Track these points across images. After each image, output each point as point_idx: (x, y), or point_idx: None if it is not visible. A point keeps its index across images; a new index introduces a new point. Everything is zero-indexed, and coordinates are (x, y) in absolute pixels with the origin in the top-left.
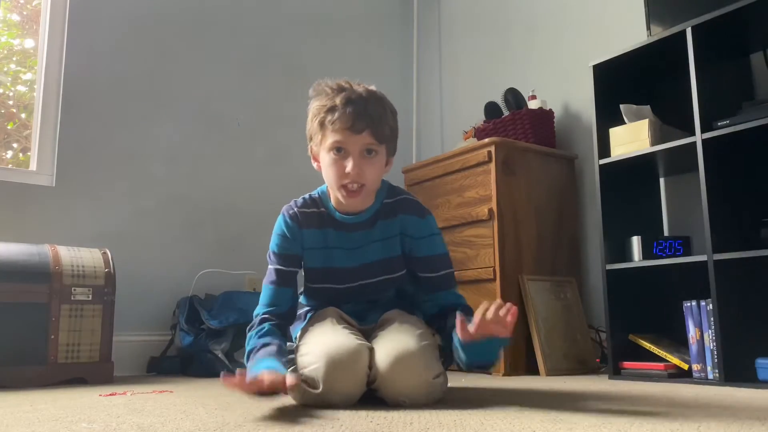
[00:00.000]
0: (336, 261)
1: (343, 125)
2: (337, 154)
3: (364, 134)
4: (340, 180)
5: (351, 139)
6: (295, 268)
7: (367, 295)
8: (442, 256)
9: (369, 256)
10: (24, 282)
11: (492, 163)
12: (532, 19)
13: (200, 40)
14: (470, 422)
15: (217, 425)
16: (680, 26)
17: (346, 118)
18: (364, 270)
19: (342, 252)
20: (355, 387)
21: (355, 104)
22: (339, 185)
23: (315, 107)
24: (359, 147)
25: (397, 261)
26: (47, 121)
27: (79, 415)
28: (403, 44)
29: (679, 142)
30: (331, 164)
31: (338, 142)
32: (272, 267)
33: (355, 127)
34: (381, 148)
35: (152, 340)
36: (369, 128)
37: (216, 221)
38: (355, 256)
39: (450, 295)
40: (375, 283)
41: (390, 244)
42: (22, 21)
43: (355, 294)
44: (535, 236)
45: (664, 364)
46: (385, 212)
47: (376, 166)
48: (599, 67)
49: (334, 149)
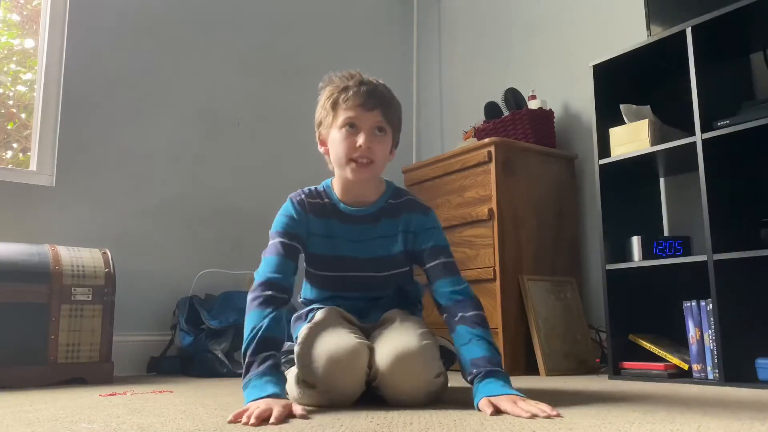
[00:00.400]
0: (340, 249)
1: (357, 102)
2: (349, 130)
3: (375, 112)
4: (350, 153)
5: (363, 115)
6: (298, 245)
7: (368, 288)
8: (444, 247)
9: (372, 250)
10: (24, 282)
11: (492, 163)
12: (532, 19)
13: (200, 40)
14: (470, 422)
15: (217, 425)
16: (680, 26)
17: (359, 96)
18: (367, 263)
19: (346, 242)
20: (354, 386)
21: (367, 85)
22: (349, 158)
23: (328, 91)
24: (370, 124)
25: (398, 258)
26: (47, 121)
27: (79, 415)
28: (403, 44)
29: (679, 142)
30: (342, 139)
31: (351, 118)
32: (275, 240)
33: (367, 105)
34: (389, 131)
35: (152, 340)
36: (380, 107)
37: (216, 221)
38: (359, 249)
39: (455, 282)
40: (376, 277)
41: (393, 241)
42: (22, 21)
43: (357, 285)
44: (535, 236)
45: (664, 364)
46: (389, 211)
47: (385, 145)
48: (599, 67)
49: (347, 125)
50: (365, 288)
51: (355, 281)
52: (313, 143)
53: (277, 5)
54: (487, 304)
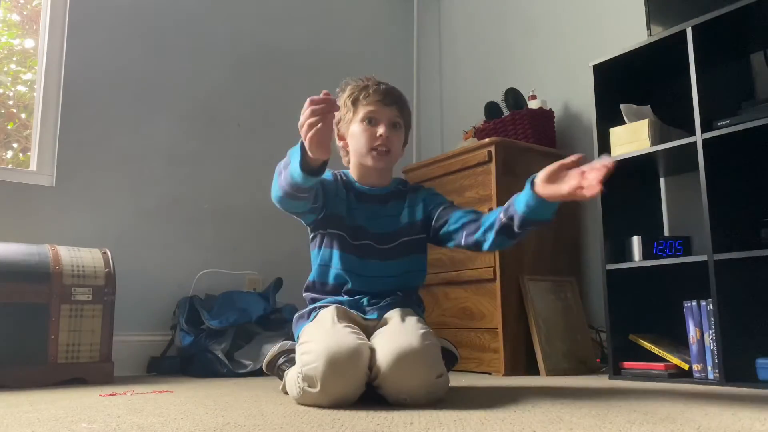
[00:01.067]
0: (357, 220)
1: (376, 98)
2: (369, 124)
3: (393, 107)
4: (371, 143)
5: (382, 110)
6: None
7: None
8: (452, 203)
9: (381, 226)
10: (24, 282)
11: (492, 163)
12: (532, 19)
13: (200, 40)
14: (470, 422)
15: (217, 425)
16: (680, 26)
17: (379, 93)
18: (377, 235)
19: (360, 213)
20: (354, 387)
21: (385, 85)
22: (370, 148)
23: (348, 90)
24: (388, 118)
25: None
26: (47, 121)
27: (79, 415)
28: (403, 44)
29: (679, 142)
30: (363, 131)
31: (371, 112)
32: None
33: (385, 101)
34: (403, 127)
35: (152, 340)
36: (396, 104)
37: (216, 221)
38: (371, 224)
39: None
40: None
41: (398, 219)
42: (22, 21)
43: (371, 252)
44: (535, 236)
45: (664, 364)
46: (397, 194)
47: (400, 138)
48: (599, 67)
49: (367, 119)
50: (377, 255)
51: (369, 249)
52: None
53: (277, 5)
54: (487, 304)
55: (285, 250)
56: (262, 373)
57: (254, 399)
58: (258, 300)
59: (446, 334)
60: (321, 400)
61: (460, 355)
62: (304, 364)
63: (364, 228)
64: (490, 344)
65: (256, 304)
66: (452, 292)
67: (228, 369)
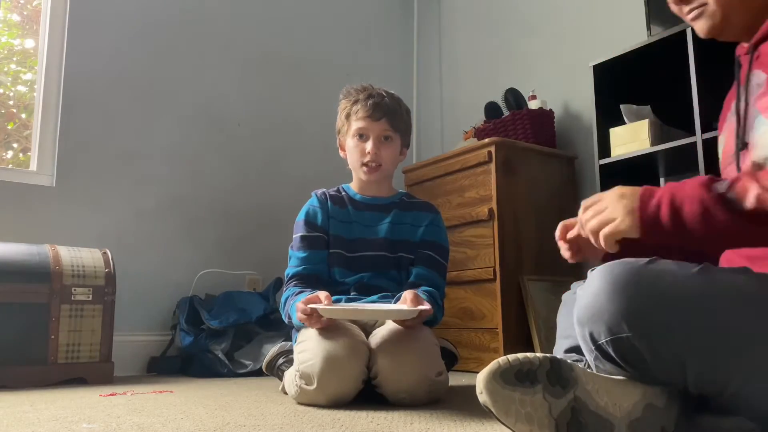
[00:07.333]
0: (355, 233)
1: (365, 114)
2: (360, 139)
3: (381, 122)
4: (361, 159)
5: (371, 125)
6: (321, 234)
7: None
8: (441, 246)
9: (379, 232)
10: (24, 282)
11: (492, 163)
12: (532, 19)
13: (200, 40)
14: (470, 422)
15: (217, 425)
16: (680, 26)
17: (366, 108)
18: (376, 243)
19: (360, 226)
20: (351, 384)
21: (374, 98)
22: (360, 164)
23: (342, 104)
24: (377, 132)
25: (404, 243)
26: (47, 121)
27: (79, 415)
28: (403, 44)
29: (679, 142)
30: (354, 147)
31: (360, 129)
32: (299, 234)
33: (374, 116)
34: (396, 137)
35: (152, 340)
36: (386, 117)
37: (216, 221)
38: (371, 232)
39: (431, 277)
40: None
41: (398, 229)
42: (22, 21)
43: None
44: (535, 236)
45: None
46: (401, 206)
47: (392, 149)
48: (599, 67)
49: (357, 135)
50: (373, 266)
51: (366, 260)
52: (312, 143)
53: (277, 6)
54: (487, 304)
55: (285, 250)
56: (262, 373)
57: (254, 399)
58: (258, 300)
59: (446, 334)
60: (318, 397)
61: (460, 355)
62: (302, 362)
63: (363, 237)
64: (490, 344)
65: (256, 304)
66: (452, 292)
67: (228, 369)
